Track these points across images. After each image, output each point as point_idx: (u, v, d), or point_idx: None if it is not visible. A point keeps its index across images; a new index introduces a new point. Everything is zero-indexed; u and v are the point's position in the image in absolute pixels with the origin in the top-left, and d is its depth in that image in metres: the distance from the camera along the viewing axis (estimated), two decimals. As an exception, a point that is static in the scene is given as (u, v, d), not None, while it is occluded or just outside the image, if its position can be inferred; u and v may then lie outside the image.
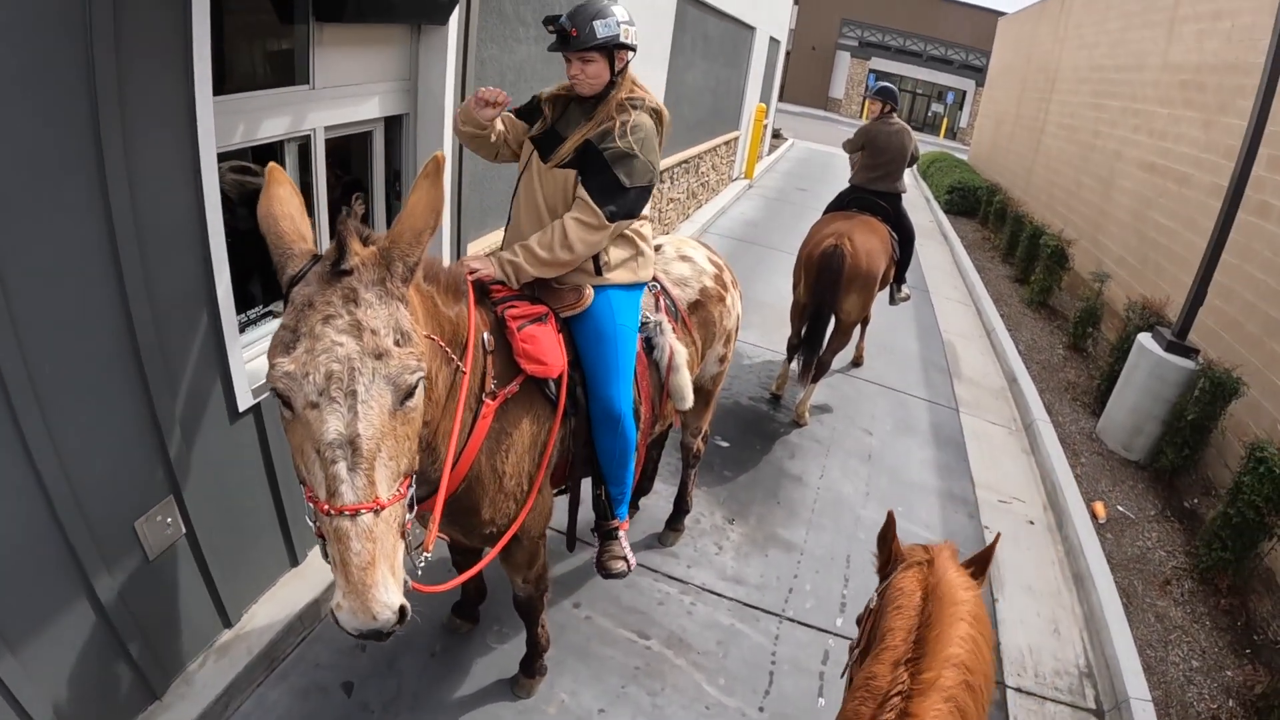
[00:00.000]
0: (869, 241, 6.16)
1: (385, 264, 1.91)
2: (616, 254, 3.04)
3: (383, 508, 1.77)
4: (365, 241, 1.97)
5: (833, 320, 6.23)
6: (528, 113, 3.16)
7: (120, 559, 2.82)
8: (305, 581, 3.78)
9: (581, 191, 2.86)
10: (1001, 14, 28.37)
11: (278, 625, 3.54)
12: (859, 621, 2.56)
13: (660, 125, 3.05)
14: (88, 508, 2.61)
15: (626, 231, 3.04)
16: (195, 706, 3.14)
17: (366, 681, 3.48)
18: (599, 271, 3.02)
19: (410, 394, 1.88)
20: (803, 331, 6.32)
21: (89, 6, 2.20)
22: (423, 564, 2.11)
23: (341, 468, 1.74)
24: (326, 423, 1.74)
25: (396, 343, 1.84)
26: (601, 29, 2.80)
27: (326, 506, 1.75)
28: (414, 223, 1.98)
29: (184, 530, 3.08)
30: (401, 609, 1.77)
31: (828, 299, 6.02)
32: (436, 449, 2.36)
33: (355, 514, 1.73)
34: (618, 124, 2.86)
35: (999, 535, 2.66)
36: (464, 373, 2.36)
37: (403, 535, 1.90)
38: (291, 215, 2.06)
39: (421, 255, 1.99)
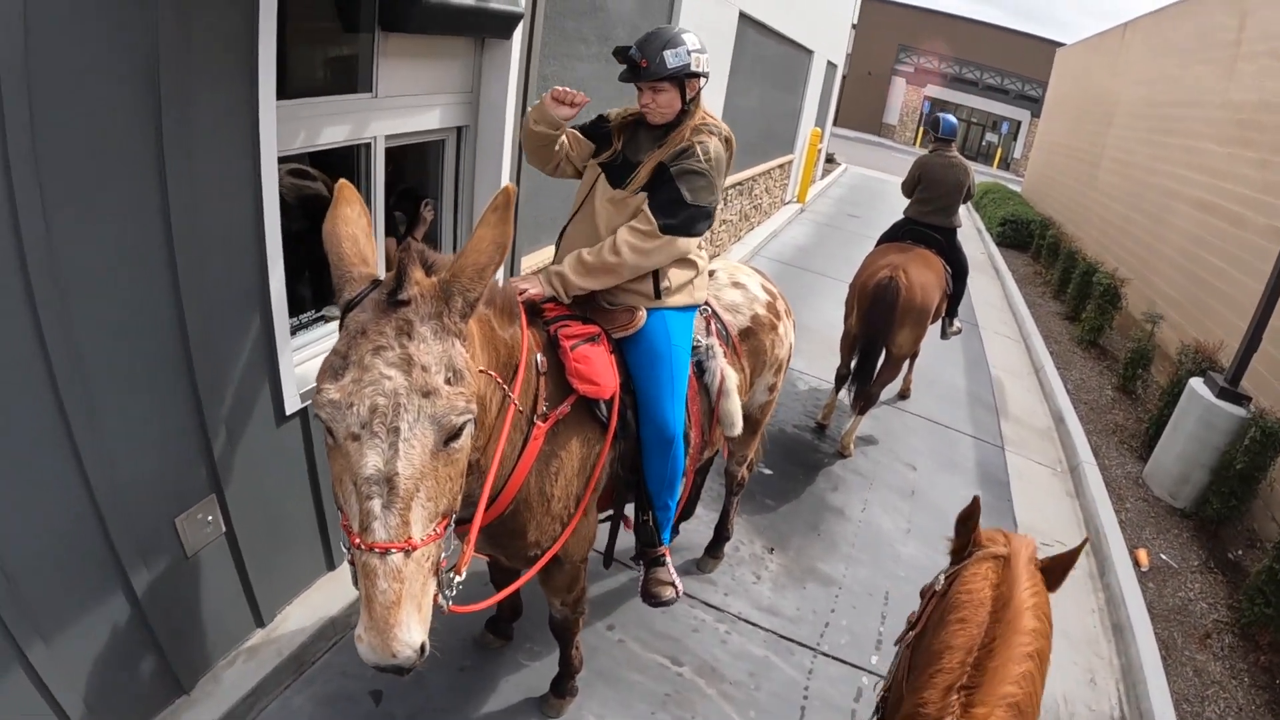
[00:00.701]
0: (924, 275, 6.11)
1: (444, 298, 1.86)
2: (677, 277, 3.00)
3: (414, 549, 1.73)
4: (429, 269, 1.94)
5: (883, 352, 6.16)
6: (592, 133, 3.14)
7: (158, 554, 2.84)
8: (340, 586, 3.78)
9: (645, 204, 2.85)
10: (1060, 44, 28.11)
11: (309, 629, 3.55)
12: (922, 594, 2.46)
13: (729, 152, 3.02)
14: (129, 502, 2.63)
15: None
16: (221, 705, 3.15)
17: (394, 691, 3.46)
18: (658, 295, 2.98)
19: (456, 435, 1.83)
20: (853, 363, 6.28)
21: (155, 6, 2.22)
22: (453, 592, 2.03)
23: (376, 504, 1.70)
24: (365, 457, 1.70)
25: (448, 381, 1.79)
26: (672, 59, 2.78)
27: (358, 540, 1.72)
28: (478, 258, 1.91)
29: (224, 529, 3.10)
30: (422, 646, 1.74)
31: (880, 331, 5.97)
32: (484, 471, 2.33)
33: (385, 552, 1.69)
34: (695, 144, 2.85)
35: (1086, 540, 2.47)
36: (512, 401, 2.32)
37: (436, 572, 1.86)
38: (355, 236, 2.02)
39: (483, 291, 1.92)
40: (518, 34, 4.02)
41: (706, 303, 3.44)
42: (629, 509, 3.27)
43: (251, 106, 2.68)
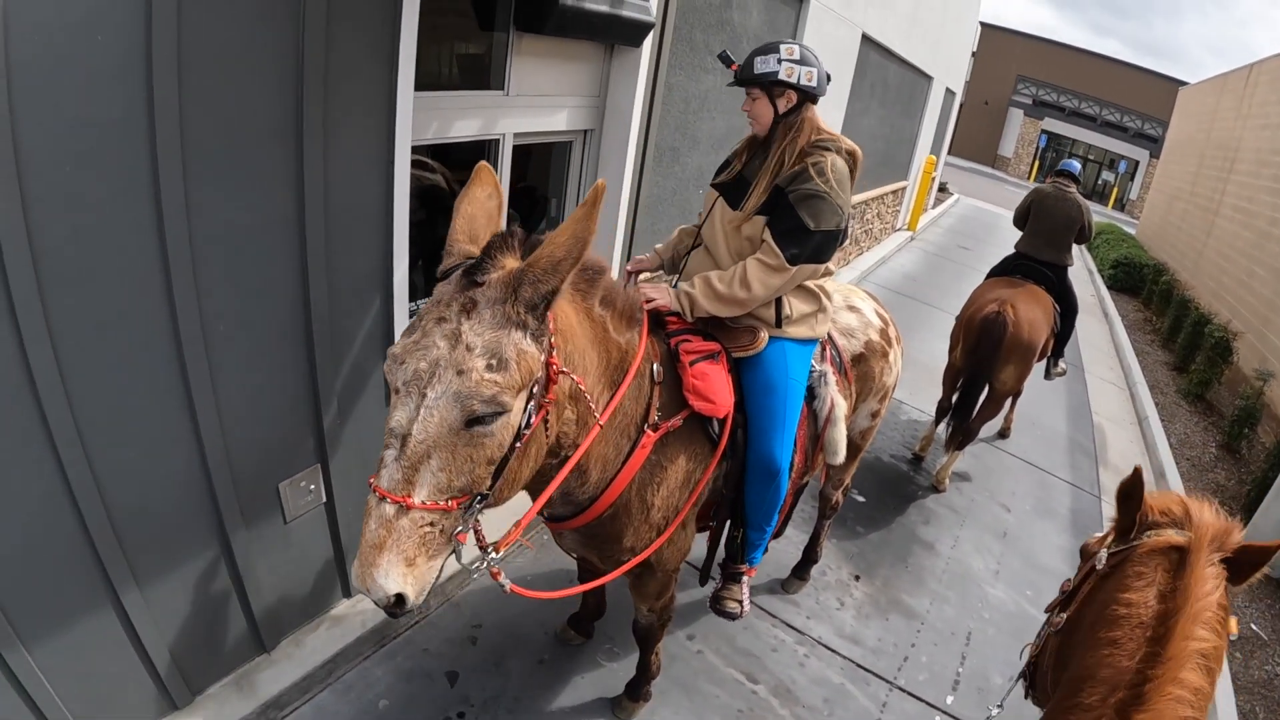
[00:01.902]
0: (1032, 311, 5.95)
1: (513, 287, 1.86)
2: (799, 307, 2.95)
3: (410, 508, 1.77)
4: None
5: (986, 388, 6.03)
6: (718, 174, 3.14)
7: (258, 516, 2.95)
8: (429, 567, 3.83)
9: (767, 234, 2.78)
10: (1183, 83, 27.16)
11: (395, 604, 3.60)
12: (1082, 553, 2.20)
13: (854, 167, 2.92)
14: (237, 462, 2.73)
15: (811, 286, 2.95)
16: (300, 668, 3.24)
17: (471, 675, 3.52)
18: (779, 324, 2.92)
19: (480, 421, 1.82)
20: (954, 397, 6.17)
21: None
22: (484, 565, 2.11)
23: (390, 454, 1.77)
24: (396, 411, 1.79)
25: (489, 367, 1.80)
26: (759, 65, 2.77)
27: (372, 478, 1.79)
28: (554, 251, 1.87)
29: (324, 499, 3.20)
30: (400, 597, 1.77)
31: (984, 366, 5.83)
32: (589, 472, 2.37)
33: (382, 498, 1.76)
34: (809, 165, 2.76)
35: None
36: (595, 417, 2.30)
37: (448, 541, 1.88)
38: (474, 216, 2.12)
39: (558, 284, 1.88)
40: (648, 42, 4.06)
41: None
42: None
43: (390, 96, 2.76)
